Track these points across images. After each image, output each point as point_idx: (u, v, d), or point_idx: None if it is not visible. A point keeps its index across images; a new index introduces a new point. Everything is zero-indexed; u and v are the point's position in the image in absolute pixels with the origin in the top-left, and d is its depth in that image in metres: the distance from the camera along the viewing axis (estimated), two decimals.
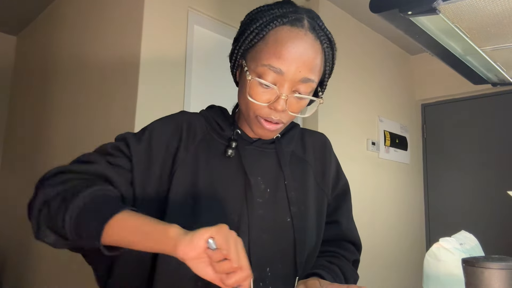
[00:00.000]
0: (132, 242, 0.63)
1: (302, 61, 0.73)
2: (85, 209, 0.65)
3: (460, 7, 0.91)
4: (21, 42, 3.35)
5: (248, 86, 0.75)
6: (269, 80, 0.74)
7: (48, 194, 0.69)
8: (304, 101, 0.78)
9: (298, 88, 0.75)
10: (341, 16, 2.85)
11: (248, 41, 0.77)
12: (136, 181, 0.76)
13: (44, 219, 0.68)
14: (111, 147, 0.79)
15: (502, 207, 2.96)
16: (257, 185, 0.82)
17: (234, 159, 0.83)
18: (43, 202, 0.68)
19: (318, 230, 0.88)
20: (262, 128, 0.78)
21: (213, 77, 2.08)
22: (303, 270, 0.83)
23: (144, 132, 0.82)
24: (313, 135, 0.97)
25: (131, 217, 0.63)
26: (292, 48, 0.73)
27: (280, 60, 0.72)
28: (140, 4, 1.87)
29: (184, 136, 0.82)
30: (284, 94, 0.74)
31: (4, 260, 2.96)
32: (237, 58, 0.81)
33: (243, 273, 0.57)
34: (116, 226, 0.62)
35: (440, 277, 0.89)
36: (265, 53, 0.74)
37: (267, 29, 0.75)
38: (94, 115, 2.14)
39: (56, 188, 0.69)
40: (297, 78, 0.74)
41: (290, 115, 0.78)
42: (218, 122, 0.86)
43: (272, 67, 0.73)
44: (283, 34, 0.74)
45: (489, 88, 2.54)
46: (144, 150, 0.79)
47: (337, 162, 0.98)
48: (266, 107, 0.75)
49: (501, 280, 0.62)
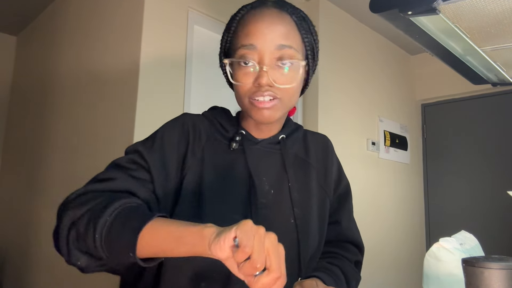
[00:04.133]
0: (167, 249, 0.59)
1: (271, 31, 0.76)
2: (114, 223, 0.62)
3: (460, 7, 0.91)
4: (21, 42, 3.35)
5: (232, 72, 0.78)
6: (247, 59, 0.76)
7: (74, 216, 0.65)
8: (290, 73, 0.78)
9: (278, 57, 0.76)
10: (341, 16, 2.85)
11: (224, 40, 0.84)
12: (158, 191, 0.76)
13: (73, 242, 0.64)
14: (127, 161, 0.77)
15: (502, 207, 2.96)
16: (261, 186, 0.82)
17: (239, 159, 0.83)
18: (70, 225, 0.65)
19: (320, 231, 0.88)
20: (258, 109, 0.78)
21: (213, 77, 2.08)
22: (306, 270, 0.83)
23: (154, 141, 0.80)
24: (315, 137, 0.97)
25: (163, 224, 0.61)
26: (258, 23, 0.77)
27: (249, 36, 0.76)
28: (140, 4, 1.87)
29: (191, 139, 0.82)
30: (264, 66, 0.75)
31: (4, 260, 2.96)
32: (222, 60, 0.84)
33: (271, 275, 0.51)
34: (149, 235, 0.59)
35: (440, 277, 0.89)
36: (237, 39, 0.79)
37: (235, 20, 0.82)
38: (94, 115, 2.14)
39: (81, 209, 0.66)
40: (272, 47, 0.75)
41: (280, 88, 0.77)
42: (221, 123, 0.86)
43: (244, 46, 0.76)
44: (248, 17, 0.79)
45: (489, 88, 2.54)
46: (159, 159, 0.77)
47: (339, 164, 0.98)
48: (253, 86, 0.77)
49: (501, 280, 0.62)
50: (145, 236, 0.59)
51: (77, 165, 2.22)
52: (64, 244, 0.65)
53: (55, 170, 2.46)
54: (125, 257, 0.60)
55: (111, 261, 0.63)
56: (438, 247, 0.91)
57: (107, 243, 0.61)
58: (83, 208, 0.65)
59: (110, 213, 0.62)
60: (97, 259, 0.64)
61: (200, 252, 0.56)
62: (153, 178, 0.75)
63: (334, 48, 2.72)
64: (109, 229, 0.61)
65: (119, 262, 0.63)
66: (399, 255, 3.07)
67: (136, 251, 0.59)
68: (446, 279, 0.88)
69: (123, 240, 0.60)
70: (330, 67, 2.66)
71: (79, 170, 2.18)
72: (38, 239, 2.51)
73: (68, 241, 0.64)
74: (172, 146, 0.80)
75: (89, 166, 2.09)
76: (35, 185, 2.67)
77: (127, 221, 0.62)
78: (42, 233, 2.47)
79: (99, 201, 0.66)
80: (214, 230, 0.55)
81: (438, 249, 0.91)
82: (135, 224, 0.60)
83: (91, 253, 0.63)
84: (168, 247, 0.59)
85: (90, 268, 0.65)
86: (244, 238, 0.51)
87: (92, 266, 0.65)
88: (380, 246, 2.87)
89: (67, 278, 2.11)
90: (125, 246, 0.60)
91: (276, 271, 0.52)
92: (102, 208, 0.63)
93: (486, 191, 3.11)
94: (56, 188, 2.42)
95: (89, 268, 0.65)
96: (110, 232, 0.61)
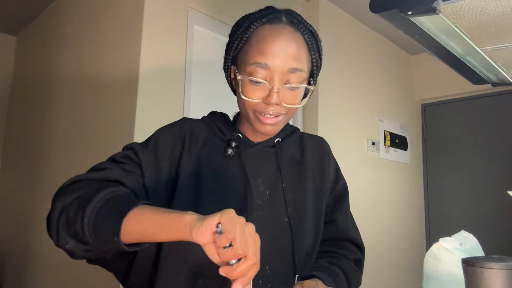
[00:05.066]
0: (150, 234, 0.63)
1: (285, 53, 0.77)
2: (102, 209, 0.66)
3: (460, 7, 0.91)
4: (21, 42, 3.35)
5: (241, 86, 0.79)
6: (258, 77, 0.77)
7: (65, 201, 0.70)
8: (298, 91, 0.81)
9: (288, 79, 0.78)
10: (341, 16, 2.85)
11: (234, 47, 0.83)
12: (148, 186, 0.79)
13: (63, 226, 0.68)
14: (121, 156, 0.81)
15: (502, 207, 2.96)
16: (257, 187, 0.84)
17: (235, 161, 0.85)
18: (60, 210, 0.69)
19: (316, 230, 0.90)
20: (263, 124, 0.81)
21: (213, 77, 2.08)
22: (302, 268, 0.84)
23: (149, 141, 0.85)
24: (312, 139, 0.99)
25: (147, 210, 0.64)
26: (273, 42, 0.78)
27: (265, 55, 0.77)
28: (140, 4, 1.87)
29: (187, 142, 0.85)
30: (275, 87, 0.77)
31: (4, 260, 2.96)
32: (229, 65, 0.87)
33: (247, 262, 0.55)
34: (134, 220, 0.63)
35: (440, 277, 0.89)
36: (250, 53, 0.79)
37: (249, 31, 0.81)
38: (94, 115, 2.14)
39: (72, 195, 0.70)
40: (285, 69, 0.77)
41: (286, 107, 0.80)
42: (219, 127, 0.89)
43: (258, 63, 0.77)
44: (263, 32, 0.79)
45: (489, 88, 2.54)
46: (151, 158, 0.82)
47: (336, 165, 1.00)
48: (261, 103, 0.79)
49: (501, 280, 0.62)
50: (129, 221, 0.63)
51: (77, 166, 2.22)
52: (54, 227, 0.69)
53: (55, 170, 2.46)
54: (111, 241, 0.63)
55: (97, 246, 0.66)
56: (438, 247, 0.91)
57: (94, 228, 0.65)
58: (74, 194, 0.70)
59: (98, 200, 0.67)
60: (84, 243, 0.67)
61: (180, 237, 0.60)
62: (143, 173, 0.79)
63: (334, 48, 2.72)
64: (96, 215, 0.65)
65: (105, 247, 0.66)
66: (399, 255, 3.07)
67: (121, 236, 0.62)
68: (446, 279, 0.88)
69: (108, 225, 0.64)
70: (330, 67, 2.66)
71: (80, 170, 2.18)
72: (38, 239, 2.51)
73: (58, 225, 0.68)
74: (166, 148, 0.83)
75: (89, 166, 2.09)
76: (36, 185, 2.67)
77: (114, 207, 0.66)
78: (42, 233, 2.47)
79: (89, 189, 0.70)
80: (195, 217, 0.59)
81: (438, 249, 0.91)
82: (120, 210, 0.64)
83: (79, 238, 0.66)
84: (151, 232, 0.62)
85: (78, 252, 0.69)
86: (228, 225, 0.55)
87: (79, 250, 0.68)
88: (380, 246, 2.87)
89: (67, 278, 2.11)
90: (110, 231, 0.63)
91: (252, 258, 0.55)
92: (91, 195, 0.68)
93: (486, 191, 3.10)
94: (56, 188, 2.41)
95: (76, 252, 0.69)
96: (97, 217, 0.65)
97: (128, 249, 0.64)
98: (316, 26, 2.66)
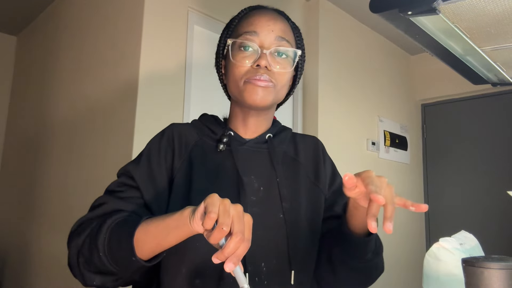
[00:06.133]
0: (162, 241, 0.64)
1: (273, 23, 0.84)
2: (111, 237, 0.68)
3: (460, 7, 0.91)
4: (21, 42, 3.35)
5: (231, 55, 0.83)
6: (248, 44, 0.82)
7: (77, 244, 0.72)
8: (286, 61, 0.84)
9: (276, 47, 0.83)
10: (341, 16, 2.85)
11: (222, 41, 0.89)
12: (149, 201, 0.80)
13: (84, 266, 0.71)
14: (116, 185, 0.82)
15: (502, 207, 2.96)
16: (250, 184, 0.84)
17: (227, 159, 0.85)
18: (77, 253, 0.72)
19: (312, 225, 0.89)
20: (253, 88, 0.82)
21: (213, 77, 2.06)
22: (298, 265, 0.84)
23: (141, 157, 0.86)
24: (304, 138, 0.99)
25: (151, 222, 0.66)
26: (261, 15, 0.85)
27: (253, 25, 0.84)
28: (140, 4, 1.87)
29: (176, 147, 0.86)
30: (265, 50, 0.81)
31: (4, 260, 2.96)
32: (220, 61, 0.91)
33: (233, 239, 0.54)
34: (143, 235, 0.65)
35: (440, 277, 0.89)
36: (239, 29, 0.86)
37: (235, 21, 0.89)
38: (94, 115, 2.14)
39: (81, 236, 0.73)
40: (272, 37, 0.83)
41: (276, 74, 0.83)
42: (209, 127, 0.90)
43: (247, 32, 0.83)
44: (250, 13, 0.88)
45: (489, 88, 2.54)
46: (145, 173, 0.82)
47: (332, 163, 0.99)
48: (251, 68, 0.82)
49: (501, 280, 0.62)
50: (139, 237, 0.65)
51: (76, 168, 2.22)
52: (77, 270, 0.72)
53: (56, 170, 2.46)
54: (130, 263, 0.66)
55: (121, 272, 0.69)
56: (438, 247, 0.91)
57: (111, 257, 0.68)
58: (83, 235, 0.73)
59: (105, 231, 0.69)
60: (109, 274, 0.70)
61: (187, 232, 0.61)
62: (143, 193, 0.81)
63: (334, 48, 2.72)
64: (108, 244, 0.68)
65: (129, 270, 0.68)
66: (399, 255, 3.07)
67: (137, 253, 0.65)
68: (446, 279, 0.88)
69: (122, 249, 0.66)
70: (330, 67, 2.66)
71: (79, 169, 2.18)
72: (38, 239, 2.51)
73: (79, 267, 0.71)
74: (159, 158, 0.84)
75: (87, 168, 2.09)
76: (36, 185, 2.67)
77: (121, 231, 0.68)
78: (42, 233, 2.47)
79: (94, 225, 0.73)
80: (192, 209, 0.60)
81: (438, 249, 0.91)
82: (128, 231, 0.67)
83: (102, 271, 0.70)
84: (161, 239, 0.64)
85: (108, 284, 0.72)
86: (210, 205, 0.56)
87: (108, 282, 0.71)
88: None
89: (67, 278, 2.11)
90: (126, 253, 0.66)
91: (237, 234, 0.55)
92: (97, 229, 0.71)
93: (486, 191, 3.10)
94: (56, 188, 2.42)
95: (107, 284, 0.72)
96: (110, 246, 0.68)
97: (148, 264, 0.67)
98: (316, 26, 2.66)
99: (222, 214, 0.55)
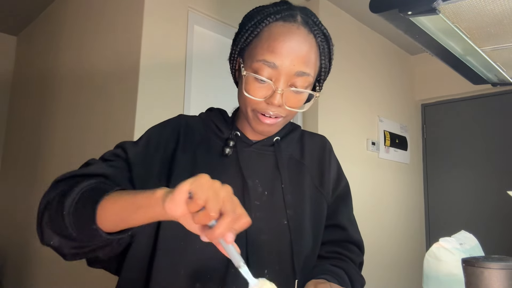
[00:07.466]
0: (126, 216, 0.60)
1: (296, 55, 0.75)
2: (79, 201, 0.65)
3: (460, 7, 0.91)
4: (21, 42, 3.35)
5: (244, 82, 0.77)
6: (264, 75, 0.75)
7: (48, 198, 0.69)
8: (302, 95, 0.79)
9: (294, 82, 0.76)
10: (341, 16, 2.85)
11: (243, 39, 0.80)
12: (135, 182, 0.77)
13: (47, 223, 0.67)
14: (109, 155, 0.80)
15: (502, 207, 2.96)
16: (254, 188, 0.82)
17: (232, 161, 0.83)
18: (44, 207, 0.69)
19: (315, 232, 0.88)
20: (260, 123, 0.79)
21: (213, 77, 2.08)
22: (301, 272, 0.83)
23: (141, 139, 0.84)
24: (312, 138, 0.97)
25: (123, 194, 0.62)
26: (285, 42, 0.74)
27: (274, 54, 0.74)
28: (140, 4, 1.87)
29: (181, 139, 0.83)
30: (280, 88, 0.75)
31: (4, 260, 2.96)
32: (235, 57, 0.83)
33: (226, 219, 0.51)
34: (109, 205, 0.61)
35: (440, 277, 0.89)
36: (259, 49, 0.76)
37: (261, 26, 0.77)
38: (94, 115, 2.14)
39: (54, 191, 0.70)
40: (292, 72, 0.75)
41: (288, 110, 0.78)
42: (216, 124, 0.87)
43: (266, 61, 0.74)
44: (276, 30, 0.76)
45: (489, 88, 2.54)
46: (140, 154, 0.80)
47: (338, 165, 0.98)
48: (263, 102, 0.77)
49: (501, 280, 0.62)
50: (105, 206, 0.61)
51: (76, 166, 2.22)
52: (38, 225, 0.69)
53: (55, 170, 2.46)
54: (90, 231, 0.62)
55: (81, 239, 0.64)
56: (438, 247, 0.91)
57: (74, 220, 0.63)
58: (56, 190, 0.69)
59: (77, 192, 0.65)
60: (68, 239, 0.65)
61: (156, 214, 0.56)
62: (131, 169, 0.78)
63: (334, 48, 2.72)
64: (75, 206, 0.64)
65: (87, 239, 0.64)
66: (399, 255, 3.07)
67: (99, 222, 0.61)
68: (446, 279, 0.88)
69: (85, 214, 0.62)
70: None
71: None
72: (38, 239, 2.51)
73: (42, 222, 0.68)
74: (158, 145, 0.82)
75: None
76: (35, 185, 2.67)
77: (90, 197, 0.64)
78: None
79: (70, 183, 0.69)
80: (167, 190, 0.55)
81: (438, 249, 0.91)
82: (95, 198, 0.63)
83: (63, 233, 0.65)
84: (126, 214, 0.60)
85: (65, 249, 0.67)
86: (199, 190, 0.51)
87: (66, 247, 0.66)
88: (380, 246, 2.87)
89: (67, 278, 2.11)
90: (87, 219, 0.61)
91: (229, 214, 0.51)
92: (70, 188, 0.67)
93: (486, 191, 3.10)
94: None
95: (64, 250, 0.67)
96: (76, 209, 0.64)
97: (108, 237, 0.62)
98: None
99: (213, 199, 0.51)
